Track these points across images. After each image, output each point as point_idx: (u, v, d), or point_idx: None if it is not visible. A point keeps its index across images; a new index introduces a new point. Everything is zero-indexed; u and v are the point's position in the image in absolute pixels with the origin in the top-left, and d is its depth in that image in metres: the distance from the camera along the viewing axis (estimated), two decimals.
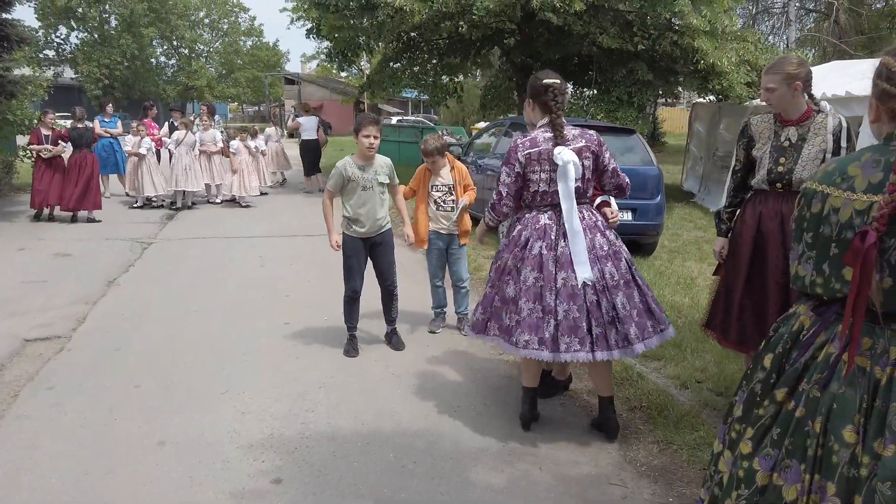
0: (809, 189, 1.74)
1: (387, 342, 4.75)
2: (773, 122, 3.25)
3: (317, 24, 13.38)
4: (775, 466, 1.70)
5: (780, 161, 3.17)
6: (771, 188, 3.21)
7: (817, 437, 1.62)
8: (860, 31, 23.79)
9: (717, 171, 12.67)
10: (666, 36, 11.32)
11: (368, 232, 4.44)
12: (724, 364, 4.15)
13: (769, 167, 3.19)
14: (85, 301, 5.69)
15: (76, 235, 8.66)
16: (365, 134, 4.26)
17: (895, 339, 1.58)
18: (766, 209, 3.21)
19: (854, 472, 1.55)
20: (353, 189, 4.37)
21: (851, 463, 1.56)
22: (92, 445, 3.27)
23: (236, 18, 53.74)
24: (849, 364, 1.61)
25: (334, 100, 39.77)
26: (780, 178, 3.16)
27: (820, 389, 1.65)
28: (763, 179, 3.22)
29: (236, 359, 4.44)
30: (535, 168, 3.24)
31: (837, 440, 1.58)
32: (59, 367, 4.27)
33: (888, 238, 1.55)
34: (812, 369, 1.69)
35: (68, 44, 44.70)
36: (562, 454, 3.25)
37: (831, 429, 1.60)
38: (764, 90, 3.17)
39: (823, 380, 1.66)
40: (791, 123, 3.18)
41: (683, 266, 7.10)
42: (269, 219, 10.28)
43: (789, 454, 1.67)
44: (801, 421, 1.67)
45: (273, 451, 3.23)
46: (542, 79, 3.29)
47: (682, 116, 33.30)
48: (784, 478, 1.67)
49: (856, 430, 1.57)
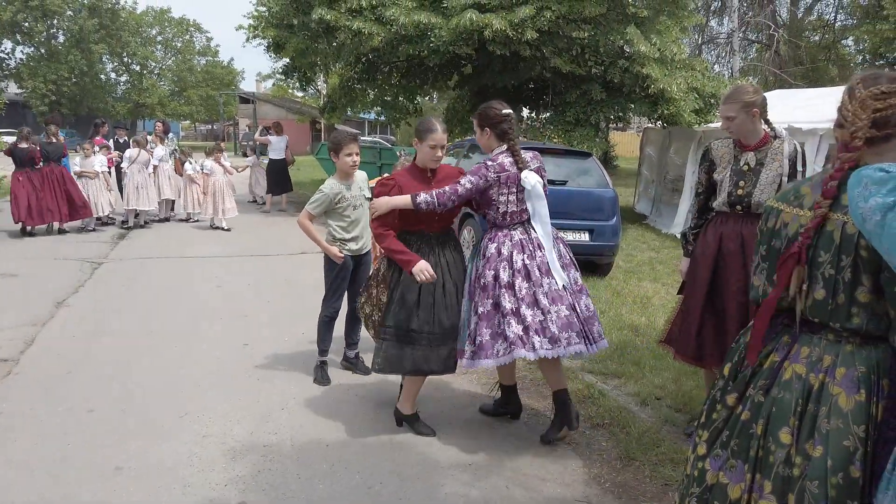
0: (768, 206, 1.89)
1: (353, 368, 4.59)
2: (732, 146, 3.40)
3: (275, 42, 13.34)
4: (722, 466, 1.82)
5: (740, 185, 3.31)
6: (731, 210, 3.35)
7: (759, 439, 1.75)
8: (799, 62, 24.96)
9: (668, 193, 13.05)
10: (617, 63, 11.67)
11: (361, 249, 4.37)
12: (682, 381, 4.26)
13: (729, 190, 3.33)
14: (33, 322, 5.50)
15: (23, 254, 8.36)
16: (347, 152, 4.16)
17: (829, 349, 1.71)
18: (727, 230, 3.35)
19: (788, 471, 1.67)
20: (345, 210, 4.25)
21: (786, 462, 1.68)
22: (46, 473, 3.15)
23: (191, 37, 53.09)
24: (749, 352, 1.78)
25: (290, 119, 39.50)
26: (740, 200, 3.31)
27: (763, 394, 1.78)
28: (724, 202, 3.36)
29: (194, 381, 4.34)
30: (503, 191, 3.41)
31: (775, 441, 1.71)
32: (8, 391, 4.10)
33: (823, 252, 1.67)
34: (758, 376, 1.82)
35: (13, 58, 43.43)
36: (529, 471, 3.28)
37: (770, 430, 1.73)
38: (724, 119, 3.31)
39: (766, 385, 1.78)
40: (750, 149, 3.33)
41: (639, 286, 7.27)
42: (225, 239, 10.12)
43: (734, 455, 1.80)
44: (746, 424, 1.79)
45: (236, 474, 3.17)
46: (499, 109, 3.48)
47: (633, 141, 34.18)
48: (729, 477, 1.80)
49: (791, 433, 1.69)
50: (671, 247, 10.10)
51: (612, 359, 4.72)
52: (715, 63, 26.00)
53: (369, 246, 4.47)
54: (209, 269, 7.81)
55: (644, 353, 4.79)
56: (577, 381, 4.28)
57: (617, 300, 6.50)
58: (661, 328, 5.49)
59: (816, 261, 1.69)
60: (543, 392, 4.22)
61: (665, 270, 8.18)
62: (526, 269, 3.35)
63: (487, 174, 3.38)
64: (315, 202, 4.21)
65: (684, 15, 12.70)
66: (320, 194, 4.21)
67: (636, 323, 5.69)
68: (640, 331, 5.47)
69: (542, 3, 10.55)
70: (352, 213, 4.28)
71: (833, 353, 1.69)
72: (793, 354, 1.75)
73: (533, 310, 3.30)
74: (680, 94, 11.28)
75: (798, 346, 1.75)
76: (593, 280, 7.42)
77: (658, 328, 5.54)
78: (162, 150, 11.34)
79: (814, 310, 1.72)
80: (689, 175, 11.81)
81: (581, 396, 4.08)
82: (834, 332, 1.70)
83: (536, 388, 4.31)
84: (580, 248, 7.57)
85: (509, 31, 10.39)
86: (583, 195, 7.71)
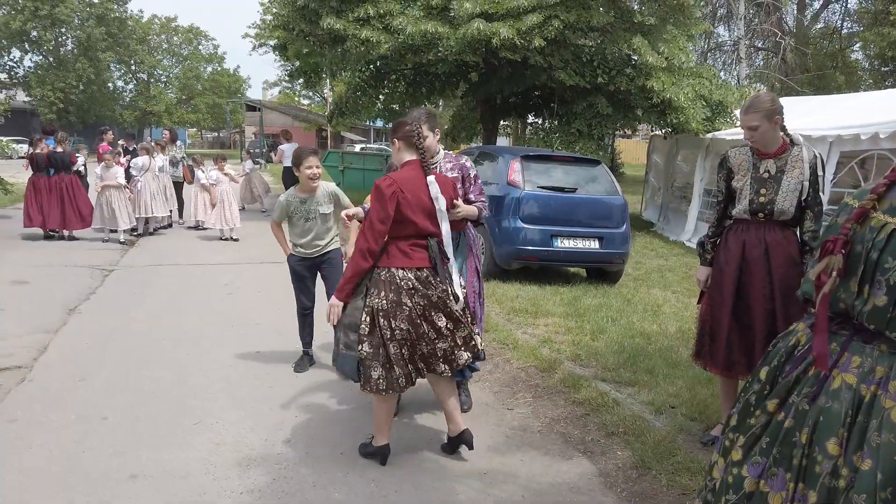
0: (843, 203, 1.85)
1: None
2: (750, 154, 3.39)
3: (283, 42, 13.39)
4: (763, 474, 1.78)
5: (761, 192, 3.31)
6: (752, 218, 3.35)
7: (803, 448, 1.70)
8: (806, 70, 24.94)
9: (676, 200, 13.04)
10: (623, 72, 11.69)
11: (314, 252, 4.63)
12: (697, 389, 4.24)
13: (751, 198, 3.33)
14: (45, 330, 5.51)
15: (33, 262, 8.39)
16: (307, 166, 4.39)
17: (882, 359, 1.66)
18: (750, 238, 3.35)
19: (834, 482, 1.63)
20: (297, 221, 4.56)
21: (833, 474, 1.64)
22: (60, 481, 3.14)
23: (197, 45, 53.44)
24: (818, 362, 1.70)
25: (296, 126, 39.70)
26: (762, 207, 3.30)
27: (809, 402, 1.73)
28: (745, 209, 3.36)
29: (207, 389, 4.34)
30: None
31: (821, 451, 1.67)
32: (22, 398, 4.11)
33: (891, 258, 1.63)
34: (803, 383, 1.78)
35: (21, 67, 43.75)
36: (544, 479, 3.27)
37: (816, 440, 1.68)
38: (747, 129, 3.28)
39: (812, 393, 1.74)
40: (769, 156, 3.33)
41: (649, 294, 7.25)
42: (234, 246, 10.14)
43: (776, 463, 1.75)
44: (789, 431, 1.75)
45: (251, 482, 3.17)
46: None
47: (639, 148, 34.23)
48: (770, 485, 1.75)
49: (839, 443, 1.65)
50: (680, 254, 10.09)
51: (626, 367, 4.70)
52: (721, 70, 26.01)
53: (331, 247, 4.69)
54: (220, 277, 7.83)
55: (657, 361, 4.77)
56: (590, 390, 4.26)
57: (628, 308, 6.48)
58: (673, 335, 5.51)
59: (883, 266, 1.65)
60: (557, 402, 4.21)
61: (674, 278, 8.16)
62: None
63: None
64: (275, 210, 4.67)
65: (691, 23, 12.72)
66: (277, 203, 4.64)
67: (648, 331, 5.67)
68: (651, 338, 5.45)
69: (550, 11, 10.58)
70: (303, 224, 4.56)
71: (886, 365, 1.64)
72: (842, 363, 1.72)
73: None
74: (687, 102, 11.28)
75: (848, 354, 1.72)
76: (604, 288, 7.41)
77: (670, 335, 5.54)
78: (162, 159, 11.36)
79: (872, 316, 1.67)
80: (697, 182, 11.80)
81: (595, 405, 4.06)
82: (889, 342, 1.65)
83: (550, 398, 4.30)
84: (590, 255, 7.57)
85: (517, 40, 10.42)
86: (592, 203, 7.71)
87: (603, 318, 6.00)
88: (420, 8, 11.23)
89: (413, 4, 11.35)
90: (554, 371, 4.65)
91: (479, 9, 10.60)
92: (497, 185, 7.72)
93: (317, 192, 4.54)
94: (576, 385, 4.35)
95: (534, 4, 10.51)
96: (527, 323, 5.89)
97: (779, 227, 3.35)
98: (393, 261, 3.18)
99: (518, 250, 7.39)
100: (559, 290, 7.12)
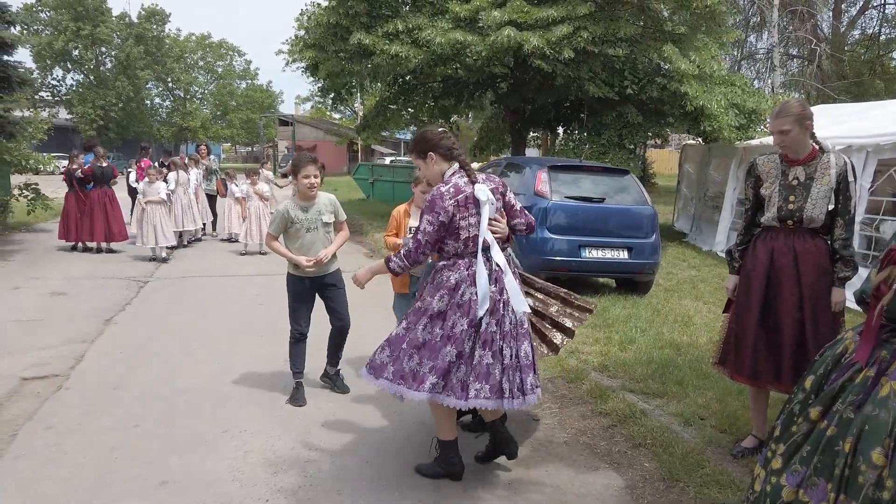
0: None
1: (330, 385, 4.59)
2: (778, 161, 3.36)
3: (313, 63, 13.61)
4: (802, 483, 1.72)
5: (790, 199, 3.27)
6: (781, 225, 3.31)
7: (846, 457, 1.64)
8: (842, 76, 24.43)
9: (709, 210, 12.84)
10: (654, 81, 11.60)
11: (315, 273, 4.31)
12: (727, 401, 4.16)
13: (779, 205, 3.30)
14: (82, 340, 5.65)
15: (71, 274, 8.63)
16: (305, 175, 4.15)
17: None
18: (778, 245, 3.31)
19: (878, 494, 1.57)
20: (298, 232, 4.26)
21: (877, 485, 1.57)
22: (93, 486, 3.22)
23: (231, 61, 54.60)
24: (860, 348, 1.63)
25: (328, 140, 40.18)
26: (791, 215, 3.26)
27: (854, 411, 1.68)
28: (773, 217, 3.32)
29: (236, 398, 4.41)
30: (464, 214, 3.10)
31: (866, 461, 1.60)
32: (58, 406, 4.22)
33: None
34: (848, 390, 1.73)
35: (63, 85, 45.18)
36: (570, 490, 3.24)
37: (861, 450, 1.62)
38: (777, 133, 3.24)
39: (858, 401, 1.68)
40: (798, 163, 3.29)
41: (680, 304, 7.15)
42: (264, 258, 10.28)
43: (817, 472, 1.69)
44: (831, 440, 1.69)
45: (277, 490, 3.20)
46: (434, 131, 3.27)
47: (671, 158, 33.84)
48: (810, 495, 1.69)
49: (885, 454, 1.58)
50: (712, 265, 9.93)
51: (654, 378, 4.64)
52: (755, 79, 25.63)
53: (334, 266, 4.41)
54: (250, 288, 7.95)
55: (686, 372, 4.70)
56: (617, 401, 4.22)
57: (657, 319, 6.40)
58: (704, 346, 5.42)
59: None
60: (584, 412, 4.17)
61: (707, 289, 8.03)
62: (470, 305, 3.05)
63: (443, 203, 3.06)
64: (272, 223, 4.32)
65: (722, 31, 12.57)
66: (276, 214, 4.30)
67: (678, 341, 5.59)
68: (681, 349, 5.37)
69: (578, 23, 10.58)
70: (304, 235, 4.26)
71: None
72: (892, 371, 1.66)
73: (453, 349, 3.02)
74: (720, 110, 11.14)
75: None
76: (633, 299, 7.32)
77: (701, 346, 5.44)
78: (195, 173, 11.61)
79: None
80: (729, 192, 11.62)
81: (622, 416, 4.01)
82: None
83: (576, 409, 4.26)
84: (619, 266, 7.50)
85: (547, 50, 10.42)
86: (621, 213, 7.64)
87: (631, 328, 5.94)
88: (448, 20, 11.32)
89: (441, 17, 11.45)
90: (581, 382, 4.61)
91: (507, 18, 10.64)
92: (524, 195, 7.70)
93: (318, 200, 4.31)
94: (603, 396, 4.31)
95: (563, 15, 10.51)
96: None
97: (809, 234, 3.29)
98: None
99: (545, 261, 7.35)
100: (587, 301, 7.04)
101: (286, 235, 4.31)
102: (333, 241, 4.39)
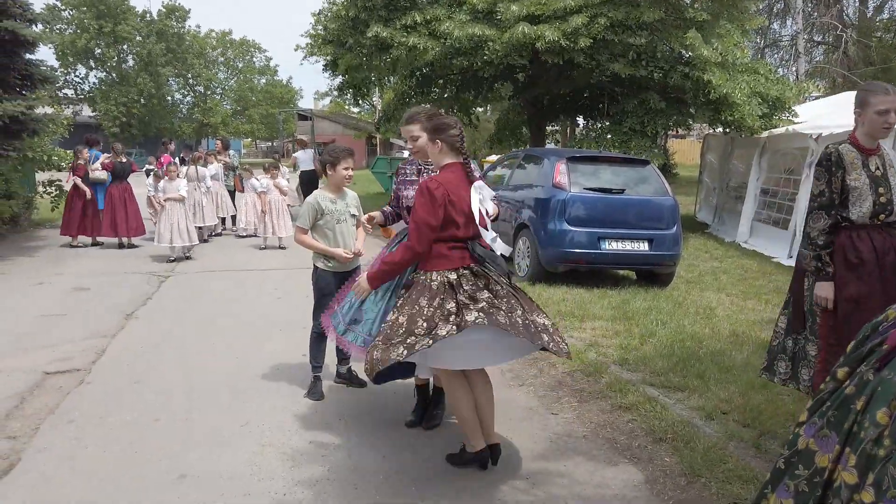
0: None
1: (346, 383, 4.56)
2: (856, 151, 3.13)
3: (333, 59, 13.64)
4: (815, 434, 1.83)
5: (880, 191, 3.06)
6: (871, 221, 3.06)
7: (857, 414, 1.75)
8: (869, 63, 23.89)
9: (731, 201, 12.67)
10: (676, 68, 11.42)
11: (347, 266, 4.27)
12: (750, 395, 4.08)
13: (873, 199, 3.05)
14: (103, 334, 5.71)
15: (93, 269, 8.74)
16: (345, 166, 4.19)
17: None
18: (878, 244, 3.04)
19: (875, 450, 1.66)
20: (328, 223, 4.22)
21: (876, 442, 1.67)
22: (113, 480, 3.24)
23: (251, 57, 54.90)
24: None
25: (346, 135, 40.27)
26: (884, 209, 3.04)
27: (874, 373, 1.77)
28: (868, 211, 3.05)
29: (255, 392, 4.42)
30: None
31: (870, 419, 1.70)
32: (80, 400, 4.26)
33: None
34: (875, 354, 1.80)
35: (86, 83, 45.78)
36: (589, 483, 3.20)
37: (869, 408, 1.72)
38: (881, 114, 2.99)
39: (880, 365, 1.77)
40: (873, 152, 3.12)
41: (702, 296, 7.05)
42: (283, 252, 10.33)
43: (829, 425, 1.81)
44: (848, 398, 1.79)
45: (295, 484, 3.20)
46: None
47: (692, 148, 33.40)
48: (819, 445, 1.81)
49: (889, 414, 1.67)
50: (735, 256, 9.79)
51: (675, 371, 4.57)
52: (779, 66, 25.16)
53: (356, 263, 4.34)
54: (269, 282, 7.98)
55: (708, 366, 4.62)
56: (637, 395, 4.16)
57: (679, 311, 6.31)
58: (726, 339, 5.33)
59: None
60: (603, 406, 4.12)
61: (729, 280, 7.92)
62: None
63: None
64: (301, 216, 4.23)
65: (745, 18, 12.33)
66: (305, 206, 4.25)
67: (699, 334, 5.50)
68: (703, 342, 5.29)
69: (596, 10, 10.44)
70: (335, 227, 4.23)
71: None
72: None
73: None
74: (743, 98, 10.94)
75: None
76: (654, 291, 7.24)
77: (723, 338, 5.37)
78: (214, 168, 11.68)
79: None
80: (752, 182, 11.44)
81: (642, 410, 3.95)
82: None
83: (596, 403, 4.21)
84: (640, 257, 7.42)
85: (563, 42, 10.31)
86: (642, 204, 7.56)
87: (652, 321, 5.86)
88: (466, 12, 11.25)
89: (459, 9, 11.38)
90: (600, 375, 4.56)
91: (525, 10, 10.54)
92: (542, 187, 7.64)
93: (345, 192, 4.38)
94: (623, 390, 4.25)
95: (580, 4, 10.39)
96: (573, 326, 5.80)
97: (893, 229, 3.07)
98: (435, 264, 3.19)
99: (564, 253, 7.29)
100: (607, 294, 6.99)
101: (314, 229, 4.25)
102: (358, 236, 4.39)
